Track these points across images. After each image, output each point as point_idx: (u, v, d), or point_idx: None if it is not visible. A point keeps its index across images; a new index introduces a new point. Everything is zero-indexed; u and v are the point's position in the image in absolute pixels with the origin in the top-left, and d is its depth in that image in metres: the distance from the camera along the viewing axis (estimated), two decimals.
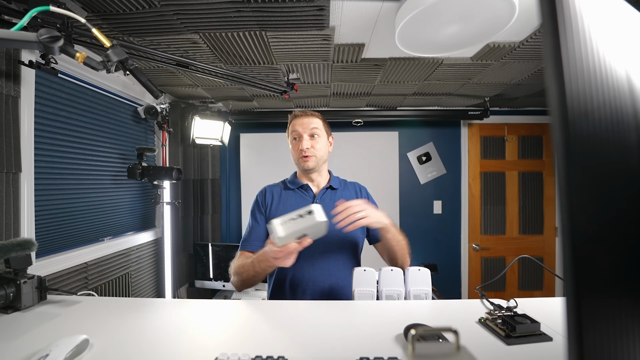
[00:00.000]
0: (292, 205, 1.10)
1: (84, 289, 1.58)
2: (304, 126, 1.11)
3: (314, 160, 1.10)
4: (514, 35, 1.37)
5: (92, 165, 1.72)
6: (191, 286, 2.59)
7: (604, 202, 0.26)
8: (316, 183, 1.16)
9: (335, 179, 1.19)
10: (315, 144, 1.11)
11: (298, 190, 1.15)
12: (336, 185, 1.16)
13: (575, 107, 0.25)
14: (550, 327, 0.68)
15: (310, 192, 1.14)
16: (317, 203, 1.07)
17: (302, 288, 1.03)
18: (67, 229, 1.56)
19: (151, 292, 2.23)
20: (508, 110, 2.78)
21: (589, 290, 0.25)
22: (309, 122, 1.11)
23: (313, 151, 1.10)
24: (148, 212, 2.28)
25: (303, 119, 1.12)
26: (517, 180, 2.81)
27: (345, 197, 1.13)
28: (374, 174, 2.74)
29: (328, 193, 1.14)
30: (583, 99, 0.25)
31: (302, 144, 1.09)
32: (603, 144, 0.25)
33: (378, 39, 1.41)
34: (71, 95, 1.56)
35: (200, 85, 2.07)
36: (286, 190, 1.16)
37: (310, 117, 1.13)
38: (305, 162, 1.09)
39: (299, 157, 1.10)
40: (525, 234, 2.81)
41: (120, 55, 0.86)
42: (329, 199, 1.12)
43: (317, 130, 1.11)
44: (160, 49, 1.41)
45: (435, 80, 2.00)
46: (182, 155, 2.56)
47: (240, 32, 1.34)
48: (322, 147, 1.12)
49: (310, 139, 1.10)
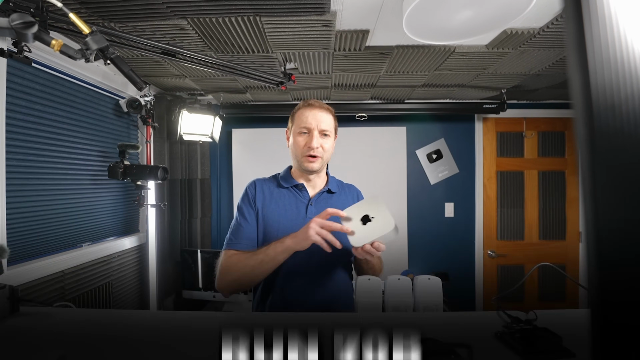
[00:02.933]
0: (284, 205, 1.10)
1: (61, 299, 1.58)
2: (317, 120, 1.07)
3: (320, 162, 1.08)
4: (533, 20, 1.37)
5: (69, 163, 1.72)
6: (178, 297, 2.58)
7: (633, 204, 0.26)
8: (312, 184, 1.15)
9: (332, 180, 1.19)
10: (325, 144, 1.08)
11: (292, 189, 1.14)
12: (334, 188, 1.16)
13: (600, 99, 0.24)
14: (573, 343, 0.68)
15: (306, 194, 1.13)
16: (312, 207, 1.09)
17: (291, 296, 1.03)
18: (42, 233, 1.56)
19: (134, 303, 2.23)
20: (527, 103, 2.78)
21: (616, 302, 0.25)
22: (323, 118, 1.08)
23: (321, 152, 1.07)
24: (131, 215, 2.28)
25: (317, 111, 1.08)
26: (536, 180, 2.81)
27: (342, 203, 1.12)
28: (379, 174, 2.74)
29: (324, 197, 1.14)
30: (609, 91, 0.25)
31: (312, 141, 1.05)
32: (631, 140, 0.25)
33: (384, 25, 1.41)
34: (46, 87, 1.56)
35: (189, 75, 2.07)
36: (279, 188, 1.14)
37: (325, 112, 1.10)
38: (312, 163, 1.07)
39: (304, 155, 1.07)
40: (546, 239, 2.81)
41: (100, 43, 0.86)
42: (324, 203, 1.11)
43: (329, 129, 1.09)
44: (144, 35, 1.41)
45: (447, 71, 2.00)
46: (169, 152, 2.56)
47: (232, 18, 1.34)
48: (329, 147, 1.11)
49: (321, 137, 1.08)
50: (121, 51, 1.66)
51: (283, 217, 1.08)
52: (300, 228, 1.01)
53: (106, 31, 1.26)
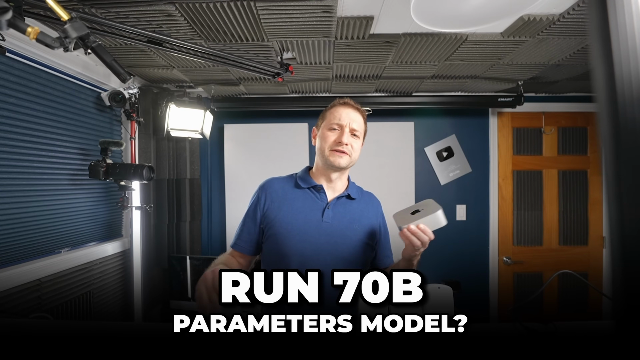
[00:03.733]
0: (299, 207, 1.14)
1: (37, 310, 1.58)
2: (350, 118, 1.14)
3: (348, 159, 1.13)
4: (553, 6, 1.37)
5: (46, 162, 1.72)
6: (166, 307, 2.59)
7: None
8: (333, 186, 1.19)
9: (353, 186, 1.24)
10: (354, 144, 1.14)
11: (309, 190, 1.17)
12: (354, 194, 1.20)
13: (626, 92, 0.24)
14: (596, 357, 0.68)
15: (324, 197, 1.17)
16: (329, 210, 1.13)
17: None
18: (16, 238, 1.56)
19: (117, 314, 2.23)
20: (546, 96, 2.79)
21: None
22: (356, 118, 1.15)
23: (350, 149, 1.12)
24: (114, 218, 2.28)
25: (351, 110, 1.16)
26: (556, 180, 2.82)
27: (361, 210, 1.19)
28: (385, 173, 2.74)
29: (343, 202, 1.18)
30: (636, 83, 0.25)
31: (343, 136, 1.11)
32: None
33: (390, 10, 1.41)
34: (21, 79, 1.56)
35: (177, 66, 2.07)
36: (295, 189, 1.18)
37: (359, 113, 1.17)
38: (339, 158, 1.11)
39: (332, 148, 1.12)
40: (567, 244, 2.81)
41: (80, 31, 0.86)
42: (342, 209, 1.16)
43: (360, 130, 1.16)
44: (128, 22, 1.41)
45: (459, 61, 2.00)
46: (155, 150, 2.56)
47: (224, 3, 1.34)
48: (358, 149, 1.17)
49: (351, 136, 1.13)
50: (103, 39, 1.66)
51: (296, 219, 1.12)
52: (314, 232, 1.10)
53: (87, 17, 1.26)
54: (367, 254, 1.16)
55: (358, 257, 1.12)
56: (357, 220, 1.16)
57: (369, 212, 1.21)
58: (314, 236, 1.10)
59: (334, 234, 1.11)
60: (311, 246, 1.09)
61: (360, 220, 1.16)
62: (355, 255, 1.12)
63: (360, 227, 1.15)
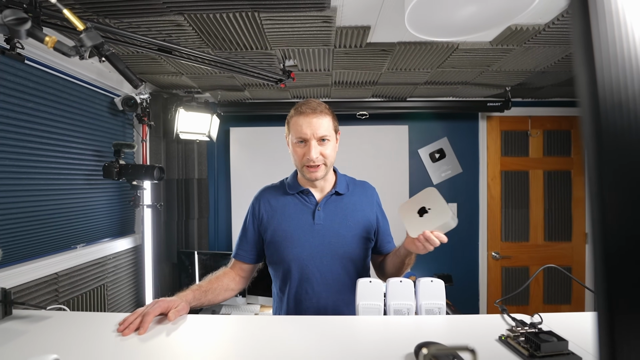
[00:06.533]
0: (290, 214, 1.10)
1: (54, 302, 1.58)
2: (312, 128, 1.01)
3: (323, 169, 1.06)
4: (538, 16, 1.37)
5: (63, 163, 1.72)
6: None
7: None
8: (319, 187, 1.13)
9: (342, 180, 1.16)
10: (325, 150, 1.04)
11: (298, 195, 1.13)
12: (342, 189, 1.14)
13: (607, 97, 0.24)
14: (579, 346, 0.68)
15: (312, 199, 1.12)
16: (320, 212, 1.09)
17: (305, 303, 1.06)
18: (35, 235, 1.56)
19: (130, 305, 2.23)
20: (532, 101, 2.78)
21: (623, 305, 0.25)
22: (319, 124, 1.02)
23: (322, 159, 1.04)
24: (126, 216, 2.28)
25: (311, 118, 1.02)
26: (542, 180, 2.81)
27: (354, 203, 1.13)
28: (380, 173, 2.74)
29: (333, 200, 1.12)
30: (617, 88, 0.25)
31: (310, 152, 1.01)
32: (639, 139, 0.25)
33: (385, 21, 1.41)
34: (39, 85, 1.56)
35: (185, 73, 2.07)
36: (285, 196, 1.14)
37: (319, 117, 1.03)
38: (313, 173, 1.05)
39: (304, 165, 1.05)
40: (551, 240, 2.81)
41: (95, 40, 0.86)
42: (333, 207, 1.11)
43: (327, 133, 1.04)
44: (140, 32, 1.41)
45: (450, 68, 2.00)
46: (165, 152, 2.56)
47: (230, 14, 1.34)
48: (331, 151, 1.07)
49: (319, 144, 1.03)
50: (116, 48, 1.66)
51: (289, 225, 1.09)
52: (308, 235, 1.07)
53: (101, 27, 1.26)
54: (364, 247, 1.10)
55: (355, 252, 1.08)
56: (350, 215, 1.10)
57: (362, 203, 1.14)
58: (308, 240, 1.06)
59: (328, 234, 1.07)
60: (306, 250, 1.05)
61: (354, 214, 1.11)
62: (352, 251, 1.07)
63: (354, 222, 1.10)
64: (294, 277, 1.07)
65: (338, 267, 1.07)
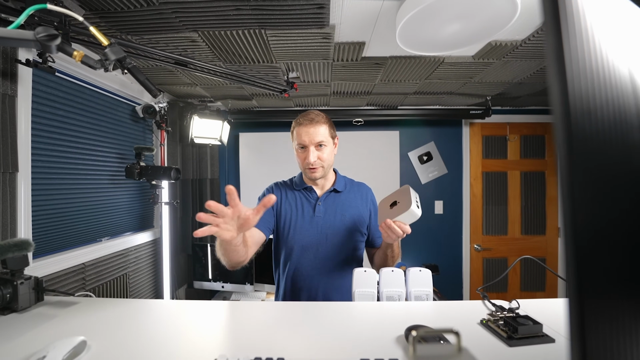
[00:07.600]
0: (296, 205, 1.16)
1: (82, 289, 1.58)
2: (310, 136, 1.08)
3: (322, 171, 1.11)
4: (515, 33, 1.37)
5: (89, 164, 1.72)
6: (190, 287, 2.58)
7: (607, 202, 0.26)
8: (321, 186, 1.19)
9: (340, 180, 1.21)
10: (322, 154, 1.10)
11: (302, 191, 1.19)
12: (340, 187, 1.18)
13: (577, 106, 0.25)
14: (552, 329, 0.68)
15: (314, 195, 1.18)
16: (320, 205, 1.13)
17: (300, 283, 1.10)
18: (64, 229, 1.56)
19: (149, 293, 2.23)
20: (510, 109, 2.78)
21: (591, 291, 0.25)
22: (315, 133, 1.08)
23: (320, 162, 1.10)
24: (146, 212, 2.28)
25: (309, 128, 1.08)
26: (519, 180, 2.81)
27: (350, 200, 1.18)
28: (374, 174, 2.73)
29: (331, 196, 1.17)
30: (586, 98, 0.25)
31: (308, 157, 1.08)
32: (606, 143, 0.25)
33: (379, 37, 1.41)
34: (69, 94, 1.56)
35: (199, 84, 2.07)
36: (292, 191, 1.19)
37: (316, 127, 1.08)
38: (313, 174, 1.11)
39: (305, 167, 1.12)
40: (528, 234, 2.81)
41: (118, 54, 0.86)
42: (331, 202, 1.16)
43: (324, 139, 1.10)
44: (158, 47, 1.41)
45: (437, 79, 2.00)
46: (181, 154, 2.56)
47: (239, 31, 1.34)
48: (328, 155, 1.12)
49: (317, 150, 1.09)
50: (137, 61, 1.66)
51: (294, 215, 1.14)
52: (308, 226, 1.12)
53: (123, 43, 1.26)
54: (356, 239, 1.14)
55: (346, 243, 1.12)
56: (346, 210, 1.15)
57: (357, 200, 1.18)
58: (309, 229, 1.12)
59: (325, 226, 1.12)
60: (307, 238, 1.11)
61: (349, 209, 1.15)
62: (344, 241, 1.11)
63: (349, 216, 1.14)
64: (293, 261, 1.11)
65: (331, 254, 1.11)
